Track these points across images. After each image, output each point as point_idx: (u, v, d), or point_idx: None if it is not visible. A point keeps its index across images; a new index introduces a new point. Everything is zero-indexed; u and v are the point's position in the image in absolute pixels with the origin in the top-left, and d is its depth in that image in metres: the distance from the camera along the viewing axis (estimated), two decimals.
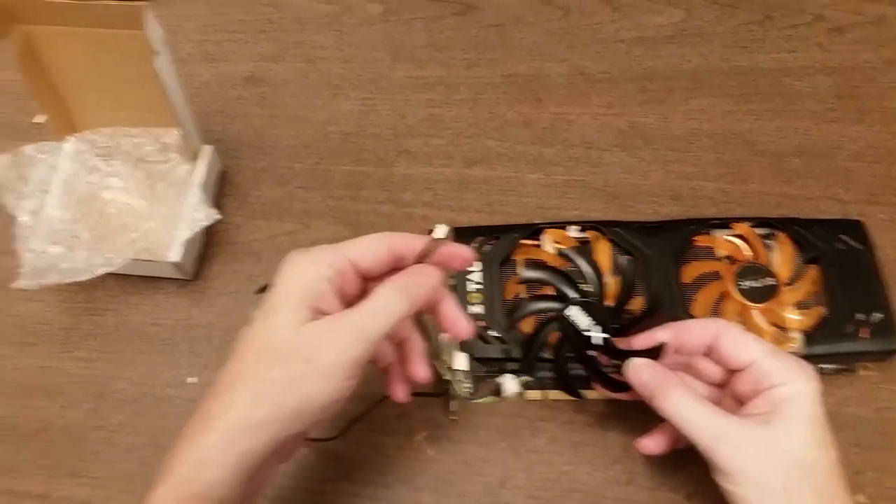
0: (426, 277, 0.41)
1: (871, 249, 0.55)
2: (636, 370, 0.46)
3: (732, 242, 0.56)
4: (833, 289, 0.53)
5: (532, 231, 0.57)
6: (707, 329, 0.46)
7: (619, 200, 0.61)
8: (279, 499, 0.51)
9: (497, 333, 0.53)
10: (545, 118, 0.64)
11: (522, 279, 0.54)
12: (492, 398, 0.53)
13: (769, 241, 0.56)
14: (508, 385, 0.52)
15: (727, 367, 0.45)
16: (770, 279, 0.52)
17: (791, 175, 0.61)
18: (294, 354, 0.38)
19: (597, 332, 0.49)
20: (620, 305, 0.51)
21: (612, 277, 0.54)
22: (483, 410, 0.53)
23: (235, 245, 0.60)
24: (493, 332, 0.53)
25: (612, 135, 0.64)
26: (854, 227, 0.56)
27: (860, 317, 0.52)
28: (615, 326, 0.49)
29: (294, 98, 0.66)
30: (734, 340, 0.45)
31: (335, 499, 0.51)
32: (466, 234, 0.56)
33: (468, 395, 0.52)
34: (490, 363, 0.52)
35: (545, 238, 0.57)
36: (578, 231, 0.57)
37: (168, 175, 0.59)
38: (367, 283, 0.42)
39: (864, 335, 0.51)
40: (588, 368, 0.49)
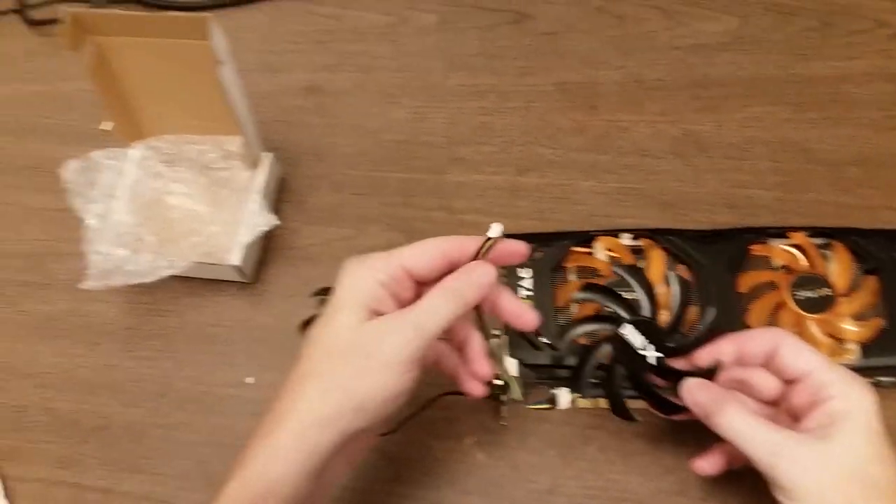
0: (477, 276, 0.42)
1: None
2: (690, 390, 0.45)
3: (789, 252, 0.55)
4: (892, 300, 0.52)
5: (584, 239, 0.57)
6: (767, 338, 0.46)
7: (674, 208, 0.60)
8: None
9: (548, 340, 0.53)
10: (599, 125, 0.65)
11: (574, 299, 0.53)
12: (546, 405, 0.53)
13: (826, 252, 0.55)
14: (563, 398, 0.52)
15: (784, 378, 0.45)
16: (826, 290, 0.52)
17: (850, 184, 0.60)
18: (356, 351, 0.40)
19: (651, 352, 0.48)
20: (675, 325, 0.50)
21: (665, 287, 0.54)
22: (533, 417, 0.54)
23: (293, 250, 0.61)
24: (544, 339, 0.53)
25: (667, 142, 0.63)
26: None
27: None
28: (670, 346, 0.48)
29: (350, 107, 0.68)
30: (792, 349, 0.44)
31: (385, 499, 0.52)
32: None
33: (521, 398, 0.52)
34: (540, 370, 0.53)
35: (597, 246, 0.57)
36: (631, 239, 0.57)
37: (230, 182, 0.61)
38: (422, 288, 0.44)
39: None
40: (641, 390, 0.48)
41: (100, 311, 0.60)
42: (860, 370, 0.50)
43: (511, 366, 0.51)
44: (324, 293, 0.43)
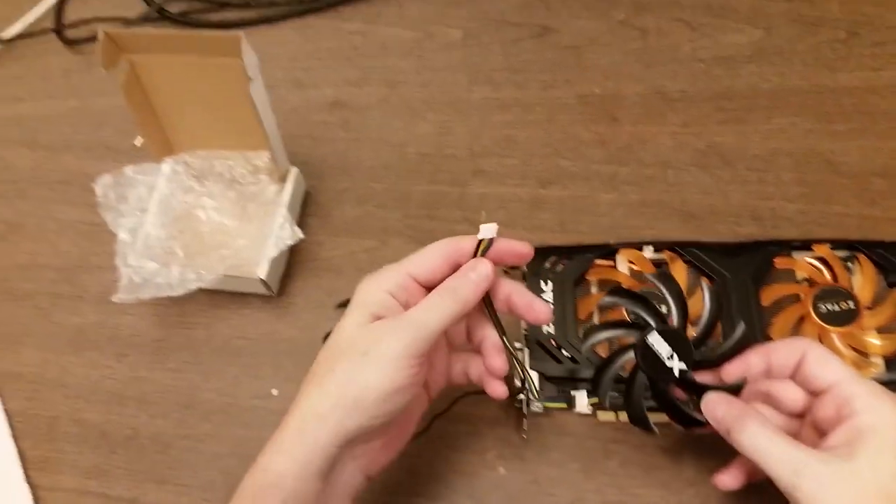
0: (474, 273, 0.44)
1: None
2: (711, 404, 0.45)
3: (813, 265, 0.55)
4: None
5: (606, 251, 0.57)
6: (794, 348, 0.45)
7: (696, 221, 0.60)
8: None
9: (569, 353, 0.53)
10: (621, 137, 0.65)
11: (602, 304, 0.53)
12: (563, 404, 0.53)
13: (850, 264, 0.55)
14: (580, 401, 0.52)
15: (810, 389, 0.44)
16: (850, 303, 0.51)
17: (875, 196, 0.59)
18: (353, 348, 0.42)
19: (676, 363, 0.47)
20: (703, 338, 0.49)
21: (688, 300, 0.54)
22: (555, 431, 0.54)
23: (317, 262, 0.62)
24: (566, 352, 0.53)
25: (690, 154, 0.63)
26: None
27: None
28: (696, 359, 0.47)
29: (375, 121, 0.69)
30: (818, 359, 0.44)
31: None
32: (540, 254, 0.57)
33: (537, 396, 0.51)
34: (562, 382, 0.53)
35: (620, 258, 0.57)
36: (654, 252, 0.57)
37: (258, 196, 0.62)
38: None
39: None
40: (662, 401, 0.47)
41: (129, 324, 0.61)
42: (885, 384, 0.50)
43: (532, 378, 0.52)
44: (346, 305, 0.44)
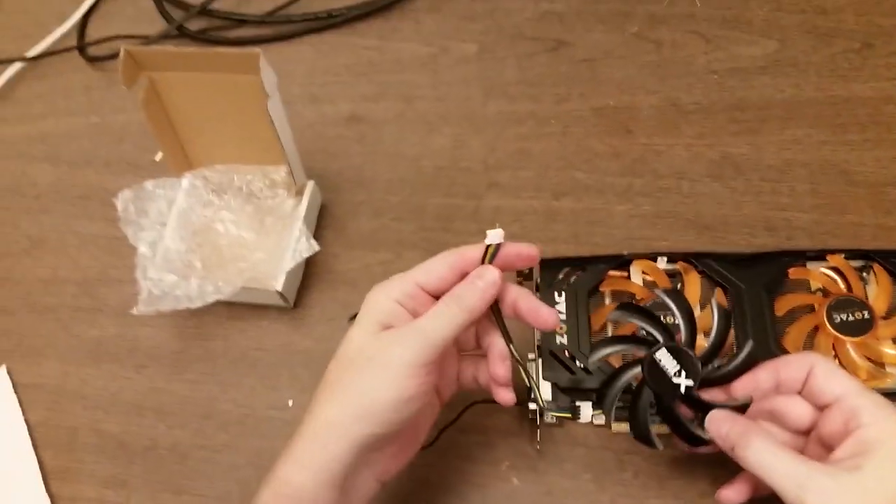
0: (481, 280, 0.44)
1: None
2: (716, 421, 0.45)
3: (827, 275, 0.54)
4: None
5: (620, 262, 0.57)
6: (803, 363, 0.45)
7: (711, 231, 0.60)
8: None
9: (582, 364, 0.53)
10: (635, 149, 0.65)
11: (611, 318, 0.53)
12: (567, 413, 0.53)
13: (865, 274, 0.54)
14: (585, 411, 0.52)
15: (816, 403, 0.44)
16: (864, 312, 0.51)
17: (890, 206, 0.59)
18: (361, 357, 0.43)
19: (683, 380, 0.47)
20: (711, 356, 0.48)
21: (701, 311, 0.54)
22: (568, 441, 0.54)
23: (333, 274, 0.63)
24: (579, 363, 0.53)
25: (704, 165, 0.63)
26: None
27: None
28: (703, 377, 0.47)
29: (391, 135, 0.69)
30: (825, 373, 0.44)
31: None
32: (554, 266, 0.57)
33: (544, 404, 0.51)
34: (575, 393, 0.53)
35: (634, 269, 0.57)
36: (668, 263, 0.57)
37: (275, 209, 0.63)
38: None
39: None
40: (667, 418, 0.47)
41: (148, 336, 0.62)
42: None
43: (545, 390, 0.52)
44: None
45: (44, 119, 0.75)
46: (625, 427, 0.53)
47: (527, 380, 0.48)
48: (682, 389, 0.46)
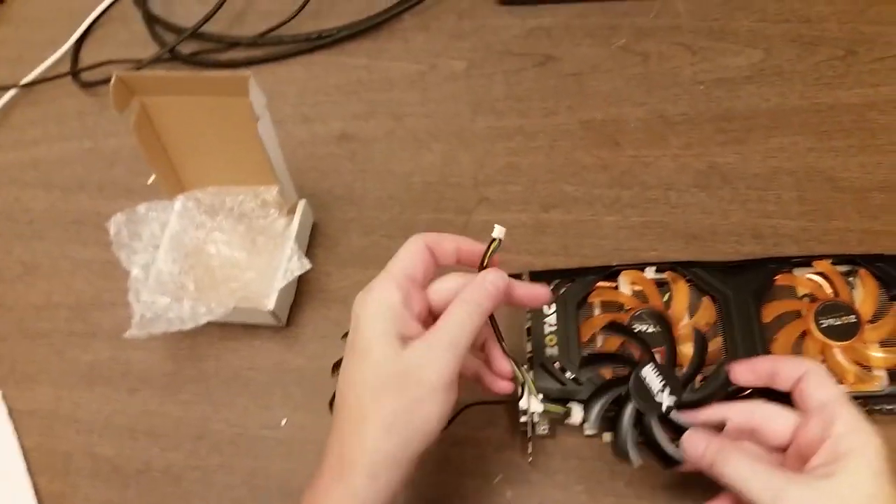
0: (490, 283, 0.45)
1: None
2: (693, 441, 0.45)
3: (814, 281, 0.55)
4: None
5: (609, 273, 0.58)
6: (799, 364, 0.45)
7: (699, 241, 0.61)
8: None
9: (572, 375, 0.53)
10: (623, 161, 0.65)
11: (599, 332, 0.54)
12: (562, 409, 0.52)
13: (852, 279, 0.55)
14: (576, 414, 0.52)
15: (803, 406, 0.44)
16: (851, 317, 0.51)
17: (876, 211, 0.59)
18: (405, 381, 0.42)
19: (665, 399, 0.47)
20: (691, 376, 0.49)
21: (689, 319, 0.54)
22: (560, 453, 0.54)
23: (324, 292, 0.63)
24: (569, 374, 0.53)
25: (691, 175, 0.64)
26: None
27: None
28: (684, 397, 0.48)
29: (381, 153, 0.70)
30: (816, 379, 0.44)
31: None
32: (543, 278, 0.57)
33: (535, 393, 0.51)
34: (565, 404, 0.53)
35: (622, 280, 0.57)
36: (656, 272, 0.57)
37: (267, 229, 0.64)
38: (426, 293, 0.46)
39: None
40: (645, 436, 0.47)
41: (140, 358, 0.62)
42: (888, 397, 0.50)
43: (535, 402, 0.52)
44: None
45: (37, 145, 0.76)
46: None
47: (520, 374, 0.48)
48: (664, 407, 0.47)
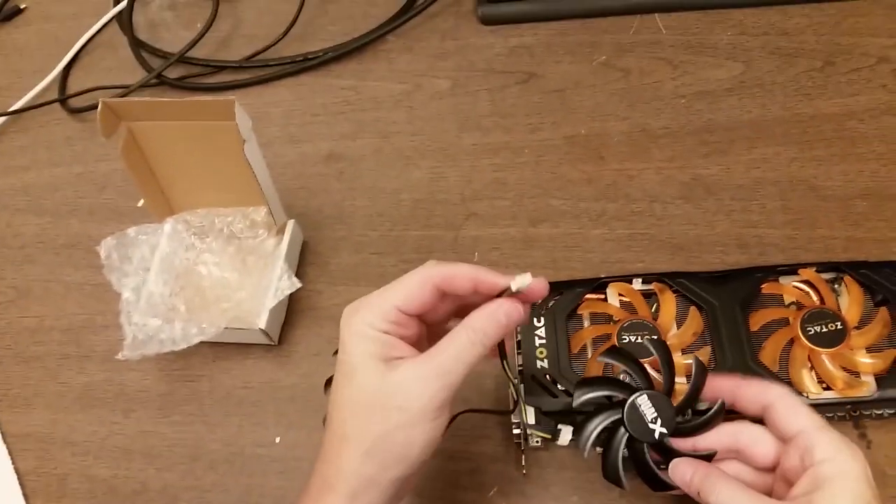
0: (505, 316, 0.42)
1: None
2: (680, 469, 0.45)
3: (800, 289, 0.55)
4: None
5: (597, 285, 0.58)
6: (766, 391, 0.45)
7: (685, 252, 0.61)
8: None
9: (564, 387, 0.54)
10: (607, 175, 0.66)
11: (599, 360, 0.53)
12: (548, 434, 0.53)
13: (837, 286, 0.55)
14: (565, 435, 0.52)
15: (778, 436, 0.44)
16: (837, 323, 0.52)
17: (858, 218, 0.60)
18: (387, 405, 0.41)
19: (658, 427, 0.47)
20: (686, 405, 0.49)
21: (677, 329, 0.55)
22: (555, 465, 0.54)
23: (316, 310, 0.63)
24: (560, 386, 0.54)
25: (675, 187, 0.65)
26: None
27: None
28: (678, 426, 0.48)
29: (370, 171, 0.71)
30: (787, 407, 0.44)
31: None
32: None
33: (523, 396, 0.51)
34: (558, 416, 0.53)
35: (610, 291, 0.58)
36: (643, 284, 0.58)
37: (257, 249, 0.64)
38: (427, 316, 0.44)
39: None
40: (636, 461, 0.48)
41: (134, 380, 0.62)
42: (877, 402, 0.51)
43: (529, 414, 0.52)
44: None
45: (27, 171, 0.76)
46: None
47: (513, 382, 0.48)
48: (657, 435, 0.47)
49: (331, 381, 0.45)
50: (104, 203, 0.72)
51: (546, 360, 0.55)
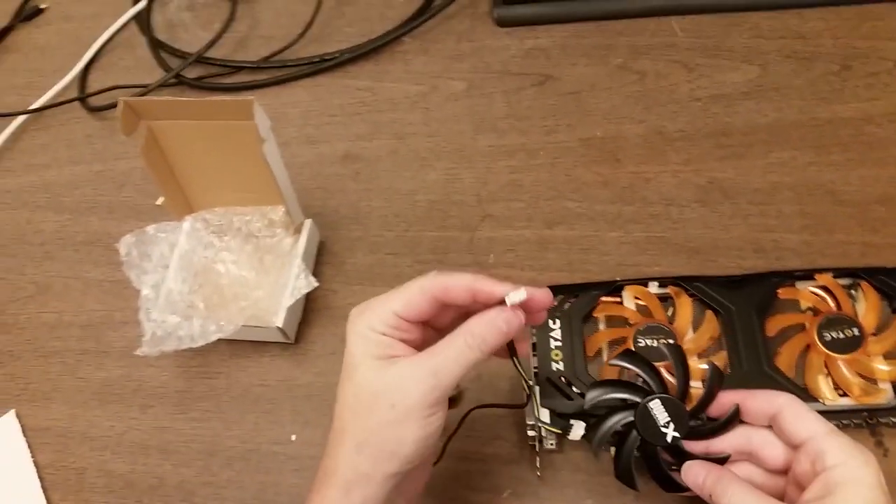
0: (505, 324, 0.42)
1: None
2: (693, 471, 0.46)
3: (816, 294, 0.55)
4: None
5: (613, 288, 0.58)
6: (772, 400, 0.45)
7: (701, 255, 0.62)
8: None
9: (579, 389, 0.54)
10: (623, 178, 0.66)
11: (612, 363, 0.54)
12: (559, 430, 0.52)
13: (854, 292, 0.55)
14: (577, 430, 0.52)
15: (787, 443, 0.45)
16: (854, 330, 0.52)
17: (876, 223, 0.60)
18: (380, 401, 0.41)
19: (671, 431, 0.48)
20: (699, 409, 0.49)
21: (693, 334, 0.55)
22: (569, 468, 0.54)
23: (332, 309, 0.64)
24: (576, 389, 0.54)
25: (692, 191, 0.65)
26: None
27: None
28: (691, 429, 0.48)
29: (386, 172, 0.71)
30: (795, 414, 0.44)
31: None
32: None
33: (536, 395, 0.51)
34: (572, 418, 0.54)
35: (626, 295, 0.58)
36: (659, 287, 0.58)
37: (274, 248, 0.64)
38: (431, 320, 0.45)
39: None
40: (649, 463, 0.48)
41: (152, 376, 0.63)
42: (894, 410, 0.51)
43: (543, 416, 0.52)
44: None
45: (48, 169, 0.77)
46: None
47: (524, 378, 0.48)
48: (669, 439, 0.47)
49: None
50: (123, 201, 0.73)
51: (561, 363, 0.55)
